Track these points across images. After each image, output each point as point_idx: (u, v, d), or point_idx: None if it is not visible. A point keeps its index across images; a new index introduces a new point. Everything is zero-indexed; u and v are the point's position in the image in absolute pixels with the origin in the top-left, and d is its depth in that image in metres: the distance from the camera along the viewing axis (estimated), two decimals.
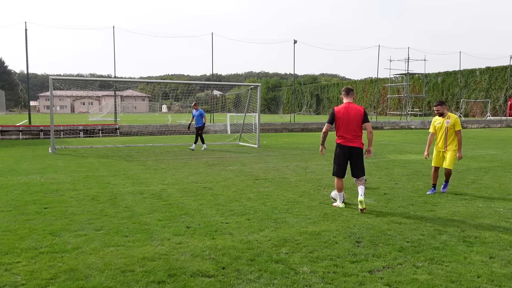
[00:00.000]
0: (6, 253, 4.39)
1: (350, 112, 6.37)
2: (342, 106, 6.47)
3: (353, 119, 6.35)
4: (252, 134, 21.13)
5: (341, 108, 6.46)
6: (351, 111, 6.38)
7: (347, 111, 6.38)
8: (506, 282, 3.71)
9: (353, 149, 6.39)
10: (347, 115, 6.36)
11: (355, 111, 6.39)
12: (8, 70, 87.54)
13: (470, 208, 6.44)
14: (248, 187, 8.15)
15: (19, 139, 21.47)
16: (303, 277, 3.81)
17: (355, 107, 6.44)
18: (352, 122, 6.35)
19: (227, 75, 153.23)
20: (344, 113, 6.37)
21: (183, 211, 6.21)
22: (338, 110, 6.44)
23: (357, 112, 6.39)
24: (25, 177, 9.21)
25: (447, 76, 55.06)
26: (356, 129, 6.37)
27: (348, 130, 6.37)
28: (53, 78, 15.39)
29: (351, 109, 6.40)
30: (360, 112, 6.40)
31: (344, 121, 6.37)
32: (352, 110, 6.38)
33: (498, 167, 10.90)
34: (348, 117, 6.36)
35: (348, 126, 6.36)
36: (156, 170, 10.53)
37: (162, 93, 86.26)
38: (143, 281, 3.71)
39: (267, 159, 12.82)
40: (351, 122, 6.35)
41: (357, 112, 6.39)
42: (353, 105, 6.47)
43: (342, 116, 6.38)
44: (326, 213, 6.13)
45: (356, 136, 6.38)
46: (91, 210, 6.27)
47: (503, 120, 37.94)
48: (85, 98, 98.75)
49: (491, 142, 18.98)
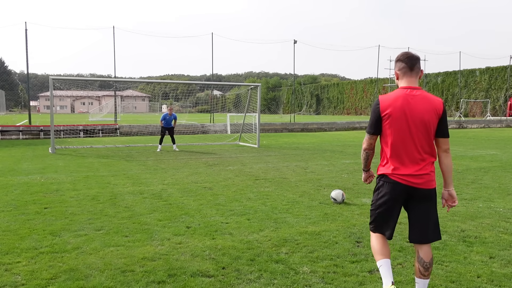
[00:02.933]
0: (6, 253, 4.39)
1: (413, 107, 3.04)
2: (397, 95, 3.10)
3: (420, 123, 3.04)
4: (252, 134, 21.13)
5: (394, 97, 3.10)
6: (417, 106, 3.04)
7: (407, 105, 3.05)
8: (506, 282, 3.71)
9: (415, 191, 3.11)
10: (406, 113, 3.04)
11: (426, 106, 3.05)
12: (8, 70, 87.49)
13: (470, 208, 6.44)
14: (248, 187, 8.16)
15: (19, 139, 21.47)
16: (303, 277, 3.81)
17: (425, 98, 3.07)
18: (417, 129, 3.05)
19: (227, 75, 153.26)
20: (401, 109, 3.04)
21: (183, 211, 6.21)
22: (387, 102, 3.09)
23: (429, 108, 3.05)
24: (25, 177, 9.21)
25: (447, 76, 55.04)
26: (423, 145, 3.08)
27: (406, 146, 3.08)
28: (53, 78, 15.39)
29: (416, 100, 3.05)
30: (437, 110, 3.06)
31: (399, 126, 3.06)
32: (419, 104, 3.05)
33: (498, 167, 10.90)
34: (410, 118, 3.04)
35: (407, 137, 3.07)
36: (156, 170, 10.53)
37: (162, 93, 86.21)
38: (143, 281, 3.71)
39: (267, 159, 12.82)
40: (415, 129, 3.05)
41: (430, 109, 3.05)
42: (422, 92, 3.10)
43: (395, 115, 3.05)
44: (326, 213, 6.13)
45: (421, 159, 3.09)
46: (91, 210, 6.27)
47: (503, 120, 37.94)
48: (85, 98, 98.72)
49: (491, 142, 18.98)
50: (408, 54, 3.17)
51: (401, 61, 3.17)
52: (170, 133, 15.95)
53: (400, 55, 3.20)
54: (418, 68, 3.14)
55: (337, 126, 31.46)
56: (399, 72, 3.18)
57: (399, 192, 3.15)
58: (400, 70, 3.17)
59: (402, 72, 3.16)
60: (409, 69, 3.13)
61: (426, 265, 3.16)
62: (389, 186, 3.17)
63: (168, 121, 15.81)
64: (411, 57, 3.15)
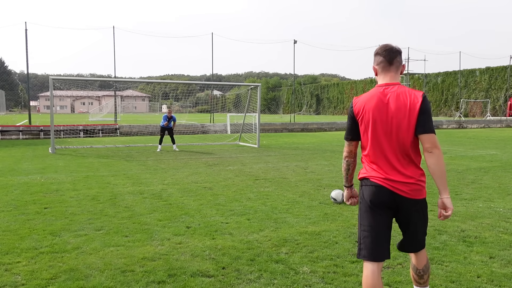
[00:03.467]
0: (6, 253, 4.39)
1: (388, 106, 2.71)
2: (371, 94, 2.78)
3: (397, 123, 2.69)
4: (252, 134, 21.13)
5: (367, 97, 2.78)
6: (392, 103, 2.70)
7: (382, 104, 2.72)
8: (506, 282, 3.71)
9: (401, 200, 2.71)
10: (381, 113, 2.71)
11: (401, 103, 2.68)
12: (8, 70, 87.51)
13: (470, 208, 6.44)
14: (248, 187, 8.15)
15: (19, 139, 21.47)
16: (303, 277, 3.81)
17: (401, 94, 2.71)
18: (394, 130, 2.70)
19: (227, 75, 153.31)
20: (376, 109, 2.72)
21: (183, 211, 6.21)
22: (360, 104, 2.79)
23: (405, 104, 2.68)
24: (25, 177, 9.21)
25: (447, 76, 55.03)
26: (406, 149, 2.70)
27: (385, 152, 2.73)
28: (53, 78, 15.39)
29: (391, 98, 2.71)
30: (413, 104, 2.66)
31: (375, 129, 2.73)
32: (394, 101, 2.70)
33: (498, 167, 10.90)
34: (385, 119, 2.71)
35: (385, 141, 2.72)
36: (156, 170, 10.53)
37: (162, 93, 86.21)
38: (143, 281, 3.71)
39: (267, 159, 12.82)
40: (392, 130, 2.70)
41: (405, 105, 2.67)
42: (398, 88, 2.73)
43: (368, 117, 2.74)
44: (326, 213, 6.13)
45: (405, 165, 2.71)
46: (91, 210, 6.27)
47: (503, 120, 37.93)
48: (85, 98, 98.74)
49: (491, 142, 18.98)
50: (387, 46, 2.83)
51: (379, 55, 2.83)
52: (170, 133, 16.02)
53: (378, 48, 2.85)
54: (398, 62, 2.81)
55: (337, 126, 31.46)
56: (378, 67, 2.85)
57: (384, 197, 2.70)
58: (378, 64, 2.84)
59: (381, 67, 2.83)
60: (387, 63, 2.80)
61: (420, 272, 2.95)
62: (371, 189, 2.75)
63: (168, 123, 15.92)
64: (390, 49, 2.81)
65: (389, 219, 2.80)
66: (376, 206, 2.75)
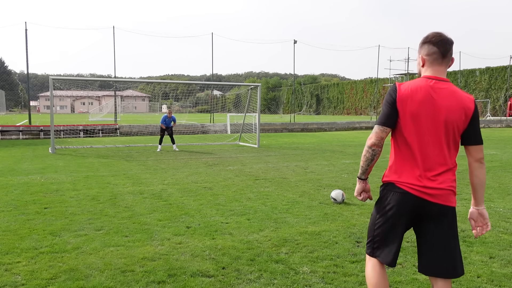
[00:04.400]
0: (6, 253, 4.39)
1: (438, 102, 2.41)
2: (419, 85, 2.45)
3: (443, 124, 2.41)
4: (252, 134, 21.14)
5: (415, 86, 2.45)
6: (443, 102, 2.41)
7: (430, 100, 2.42)
8: (506, 282, 3.71)
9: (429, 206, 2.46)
10: (427, 109, 2.42)
11: (454, 104, 2.42)
12: (8, 70, 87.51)
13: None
14: (248, 187, 8.15)
15: (19, 139, 21.47)
16: (303, 277, 3.81)
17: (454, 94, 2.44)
18: (438, 130, 2.42)
19: (227, 75, 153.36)
20: (421, 104, 2.42)
21: (183, 211, 6.21)
22: (407, 92, 2.44)
23: (457, 106, 2.42)
24: (25, 177, 9.21)
25: (447, 76, 54.84)
26: (444, 151, 2.45)
27: (423, 150, 2.45)
28: (53, 78, 15.39)
29: (441, 95, 2.42)
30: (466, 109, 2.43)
31: (417, 124, 2.44)
32: (445, 100, 2.41)
33: (498, 167, 10.90)
34: (431, 116, 2.42)
35: (426, 139, 2.44)
36: (156, 170, 10.53)
37: (162, 93, 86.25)
38: (143, 281, 3.71)
39: (267, 159, 12.82)
40: (437, 130, 2.43)
41: (458, 107, 2.42)
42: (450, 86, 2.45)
43: (413, 109, 2.43)
44: (326, 213, 6.13)
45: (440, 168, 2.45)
46: (91, 210, 6.27)
47: (503, 120, 37.94)
48: (85, 98, 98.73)
49: (491, 142, 18.98)
50: (442, 36, 2.44)
51: (432, 44, 2.45)
52: (169, 133, 16.05)
53: (431, 35, 2.47)
54: (451, 55, 2.47)
55: (337, 126, 31.47)
56: (427, 58, 2.47)
57: (409, 206, 2.46)
58: (430, 55, 2.46)
59: (432, 59, 2.46)
60: (441, 55, 2.44)
61: None
62: (396, 196, 2.48)
63: (167, 123, 15.97)
64: (445, 40, 2.43)
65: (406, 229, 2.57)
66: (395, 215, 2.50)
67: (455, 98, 2.41)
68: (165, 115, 16.00)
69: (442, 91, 2.42)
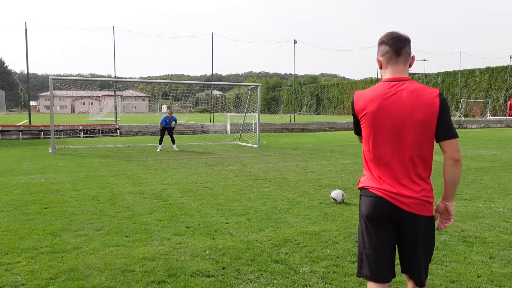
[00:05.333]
0: (6, 253, 4.39)
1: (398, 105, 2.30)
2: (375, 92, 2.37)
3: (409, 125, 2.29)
4: (252, 134, 21.14)
5: (371, 95, 2.37)
6: (404, 102, 2.29)
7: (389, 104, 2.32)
8: (506, 282, 3.71)
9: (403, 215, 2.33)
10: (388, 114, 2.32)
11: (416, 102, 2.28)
12: (8, 70, 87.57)
13: (470, 208, 6.44)
14: (248, 187, 8.15)
15: (19, 139, 21.47)
16: (303, 277, 3.81)
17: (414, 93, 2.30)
18: (404, 133, 2.30)
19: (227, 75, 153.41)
20: (380, 110, 2.33)
21: (183, 211, 6.21)
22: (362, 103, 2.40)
23: (420, 103, 2.27)
24: (25, 177, 9.21)
25: (447, 76, 55.03)
26: (413, 155, 2.31)
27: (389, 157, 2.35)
28: (53, 78, 15.39)
29: (402, 96, 2.30)
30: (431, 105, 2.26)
31: (379, 131, 2.35)
32: (407, 100, 2.29)
33: (498, 167, 10.90)
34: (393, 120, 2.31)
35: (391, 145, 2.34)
36: (156, 170, 10.53)
37: (162, 93, 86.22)
38: (143, 281, 3.71)
39: (267, 159, 12.82)
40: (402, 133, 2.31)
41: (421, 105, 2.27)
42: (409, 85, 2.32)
43: (372, 117, 2.36)
44: (326, 213, 6.13)
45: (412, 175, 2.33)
46: (91, 210, 6.27)
47: (503, 120, 37.94)
48: (85, 98, 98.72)
49: (491, 142, 18.98)
50: (394, 34, 2.38)
51: (384, 44, 2.39)
52: (170, 133, 16.06)
53: (383, 36, 2.42)
54: (407, 53, 2.37)
55: (337, 126, 31.46)
56: (383, 59, 2.41)
57: (384, 210, 2.34)
58: (384, 55, 2.40)
59: (387, 58, 2.39)
60: (395, 53, 2.36)
61: None
62: (369, 201, 2.39)
63: (168, 123, 15.95)
64: (397, 38, 2.36)
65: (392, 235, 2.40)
66: (375, 220, 2.38)
67: (417, 96, 2.29)
68: (165, 116, 16.01)
69: (402, 92, 2.31)
